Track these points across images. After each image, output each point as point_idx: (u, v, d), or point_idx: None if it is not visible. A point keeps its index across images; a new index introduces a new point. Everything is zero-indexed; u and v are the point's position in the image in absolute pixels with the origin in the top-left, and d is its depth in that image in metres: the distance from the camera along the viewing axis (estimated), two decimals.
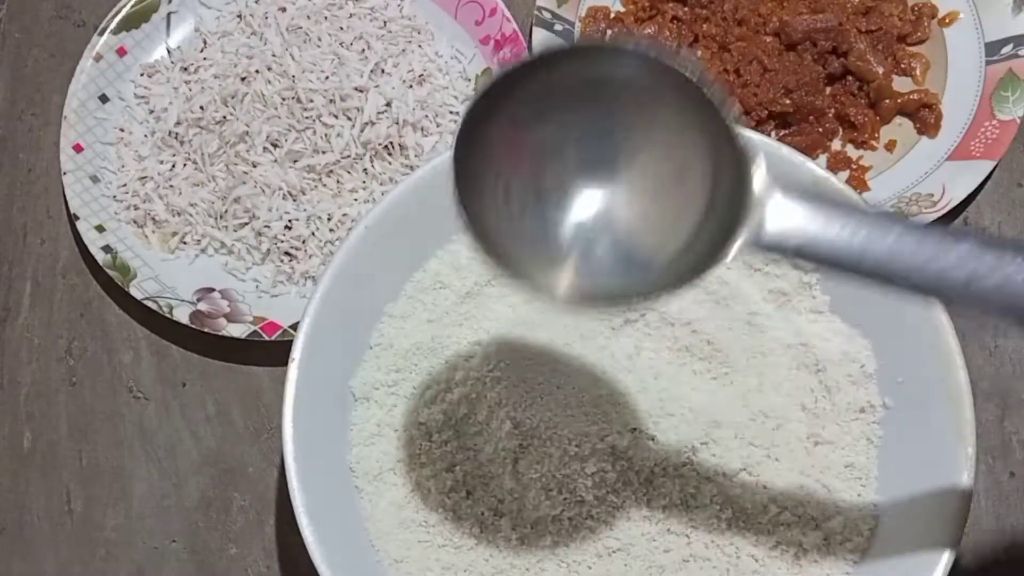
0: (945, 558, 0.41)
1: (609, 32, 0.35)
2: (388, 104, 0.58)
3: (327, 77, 0.58)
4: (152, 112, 0.61)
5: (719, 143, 0.34)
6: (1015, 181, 0.56)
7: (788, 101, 0.57)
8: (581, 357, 0.46)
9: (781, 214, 0.33)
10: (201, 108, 0.59)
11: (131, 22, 0.62)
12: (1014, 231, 0.56)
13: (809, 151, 0.58)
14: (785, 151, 0.47)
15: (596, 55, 0.34)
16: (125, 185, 0.60)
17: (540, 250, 0.36)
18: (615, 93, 0.35)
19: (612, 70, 0.34)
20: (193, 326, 0.55)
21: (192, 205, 0.58)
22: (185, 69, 0.62)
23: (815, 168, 0.47)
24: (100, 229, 0.58)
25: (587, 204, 0.36)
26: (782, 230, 0.33)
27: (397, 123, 0.58)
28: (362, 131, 0.57)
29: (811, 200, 0.34)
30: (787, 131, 0.58)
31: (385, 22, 0.62)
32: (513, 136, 0.35)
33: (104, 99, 0.61)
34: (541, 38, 0.60)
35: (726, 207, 0.34)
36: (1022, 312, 0.32)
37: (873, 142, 0.58)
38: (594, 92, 0.35)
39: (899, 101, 0.58)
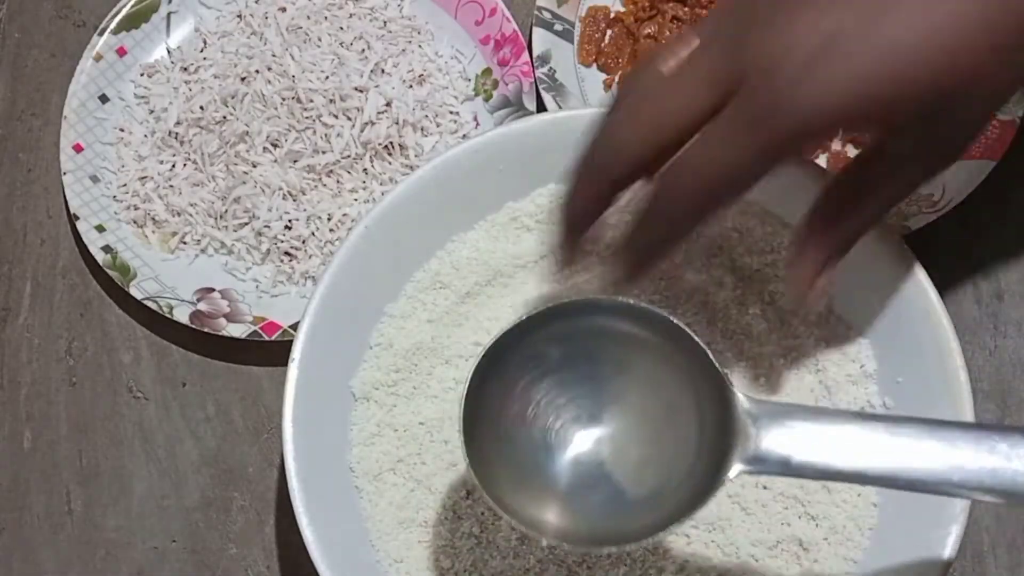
0: (945, 558, 0.41)
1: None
2: (388, 104, 0.58)
3: (327, 77, 0.58)
4: (152, 112, 0.61)
5: (700, 376, 0.36)
6: (1015, 181, 0.56)
7: None
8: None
9: (769, 438, 0.35)
10: (201, 108, 0.59)
11: (131, 22, 0.62)
12: (1014, 231, 0.56)
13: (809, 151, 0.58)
14: None
15: (576, 310, 0.37)
16: (125, 185, 0.60)
17: (538, 495, 0.38)
18: (600, 342, 0.38)
19: (594, 321, 0.37)
20: (193, 326, 0.55)
21: (192, 205, 0.58)
22: (185, 69, 0.62)
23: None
24: (100, 229, 0.58)
25: (582, 450, 0.39)
26: (772, 454, 0.35)
27: (397, 123, 0.58)
28: (362, 131, 0.58)
29: (797, 418, 0.35)
30: None
31: (385, 22, 0.62)
32: (512, 391, 0.38)
33: (104, 99, 0.61)
34: (541, 38, 0.60)
35: (715, 439, 0.36)
36: None
37: None
38: (579, 342, 0.38)
39: None
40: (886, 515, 0.44)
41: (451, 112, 0.60)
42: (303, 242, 0.57)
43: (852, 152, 0.58)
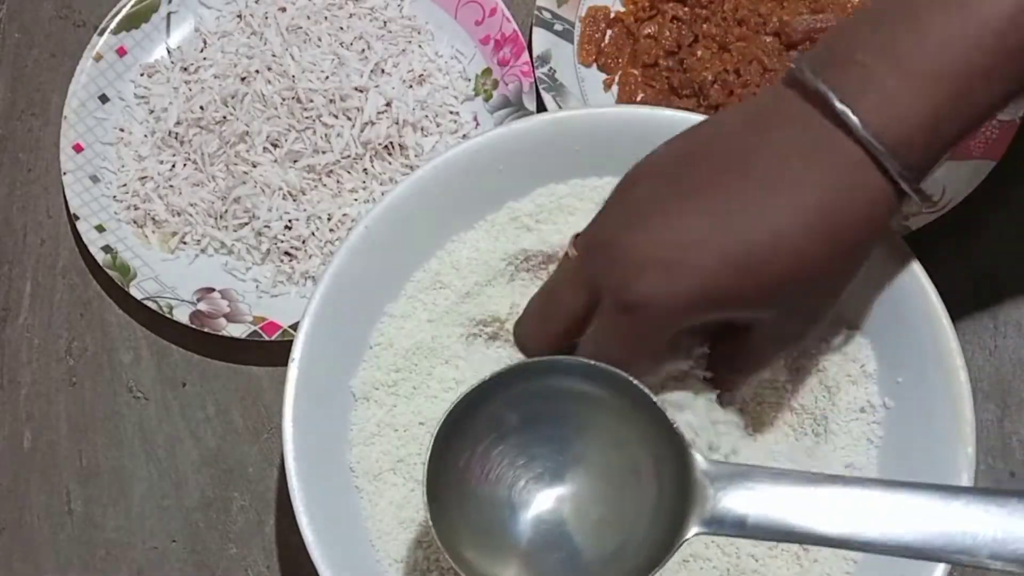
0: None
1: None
2: (388, 104, 0.58)
3: (327, 77, 0.58)
4: (152, 112, 0.61)
5: (660, 437, 0.37)
6: (1015, 181, 0.56)
7: None
8: None
9: (727, 499, 0.36)
10: (201, 108, 0.59)
11: (131, 22, 0.62)
12: (1014, 231, 0.56)
13: None
14: None
15: (538, 370, 0.39)
16: (125, 185, 0.60)
17: (499, 553, 0.39)
18: (562, 401, 0.39)
19: (556, 381, 0.39)
20: (193, 326, 0.55)
21: (192, 205, 0.58)
22: (185, 69, 0.62)
23: None
24: (100, 229, 0.58)
25: (543, 509, 0.40)
26: (729, 514, 0.35)
27: (397, 123, 0.58)
28: (362, 131, 0.58)
29: (755, 479, 0.36)
30: None
31: (385, 22, 0.62)
32: (475, 450, 0.39)
33: (104, 99, 0.61)
34: (541, 38, 0.60)
35: (674, 499, 0.37)
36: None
37: None
38: (541, 402, 0.39)
39: None
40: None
41: (451, 112, 0.60)
42: (303, 242, 0.57)
43: None
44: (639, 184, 0.39)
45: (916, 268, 0.44)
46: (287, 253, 0.57)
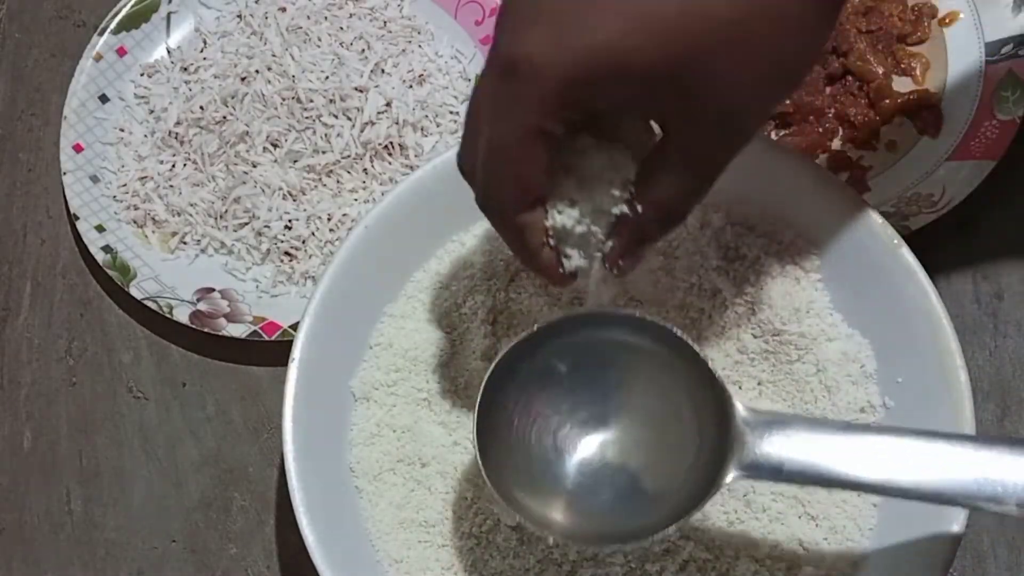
0: (945, 558, 0.41)
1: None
2: (388, 104, 0.58)
3: (327, 77, 0.58)
4: (152, 112, 0.61)
5: (701, 386, 0.38)
6: (1015, 181, 0.56)
7: (788, 101, 0.57)
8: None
9: (765, 445, 0.36)
10: (201, 108, 0.59)
11: (131, 22, 0.62)
12: (1014, 231, 0.56)
13: (809, 151, 0.58)
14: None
15: (584, 321, 0.39)
16: (125, 185, 0.60)
17: (545, 496, 0.39)
18: (607, 352, 0.39)
19: (601, 332, 0.39)
20: (193, 326, 0.55)
21: (192, 205, 0.58)
22: (185, 69, 0.62)
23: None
24: (100, 229, 0.58)
25: (588, 454, 0.40)
26: (767, 461, 0.36)
27: (397, 123, 0.58)
28: (362, 131, 0.57)
29: (793, 427, 0.37)
30: (787, 131, 0.58)
31: (385, 22, 0.62)
32: (522, 398, 0.40)
33: (104, 99, 0.61)
34: None
35: (714, 445, 0.37)
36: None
37: (873, 142, 0.58)
38: (587, 352, 0.39)
39: (899, 101, 0.58)
40: (886, 515, 0.44)
41: (451, 112, 0.60)
42: (303, 242, 0.57)
43: (852, 152, 0.58)
44: None
45: (916, 268, 0.44)
46: (287, 253, 0.57)
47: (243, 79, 0.59)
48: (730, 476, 0.36)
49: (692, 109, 0.33)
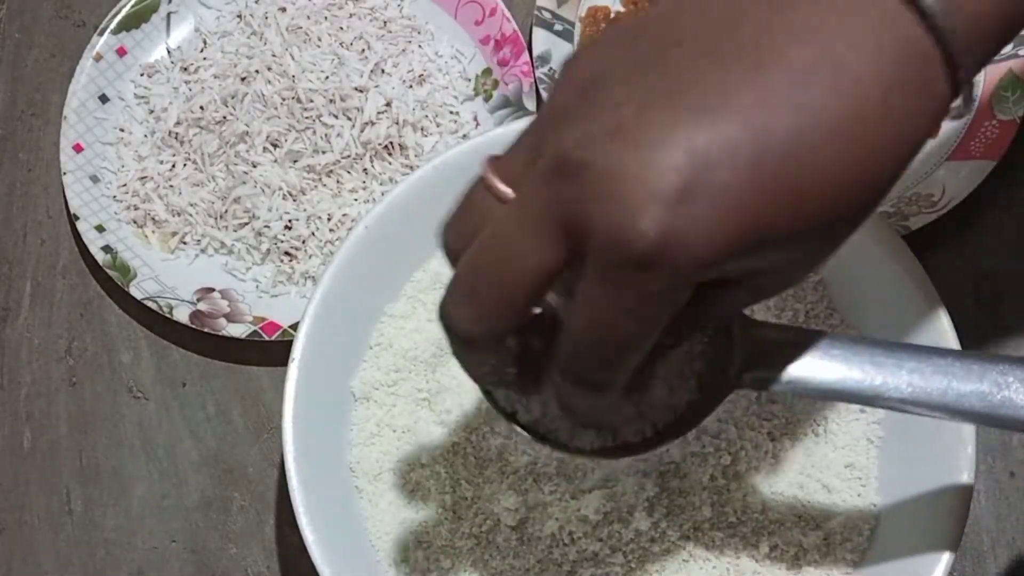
0: (945, 558, 0.41)
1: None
2: (388, 104, 0.58)
3: (327, 77, 0.58)
4: (152, 112, 0.61)
5: None
6: (1015, 181, 0.56)
7: None
8: None
9: (771, 354, 0.35)
10: (201, 108, 0.59)
11: (131, 22, 0.62)
12: (1014, 231, 0.56)
13: None
14: None
15: None
16: (125, 185, 0.60)
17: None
18: None
19: None
20: (193, 326, 0.55)
21: (192, 205, 0.58)
22: (185, 69, 0.62)
23: None
24: (100, 229, 0.58)
25: None
26: (774, 370, 0.35)
27: (397, 123, 0.58)
28: (362, 131, 0.57)
29: (794, 336, 0.35)
30: None
31: (385, 22, 0.62)
32: None
33: (104, 99, 0.61)
34: (541, 38, 0.60)
35: (720, 355, 0.36)
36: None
37: None
38: None
39: None
40: (886, 515, 0.44)
41: (451, 112, 0.60)
42: (303, 242, 0.57)
43: None
44: (607, 76, 0.27)
45: (916, 268, 0.44)
46: (287, 253, 0.57)
47: (243, 79, 0.59)
48: (736, 387, 0.35)
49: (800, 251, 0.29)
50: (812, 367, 0.35)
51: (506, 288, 0.28)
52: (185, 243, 0.59)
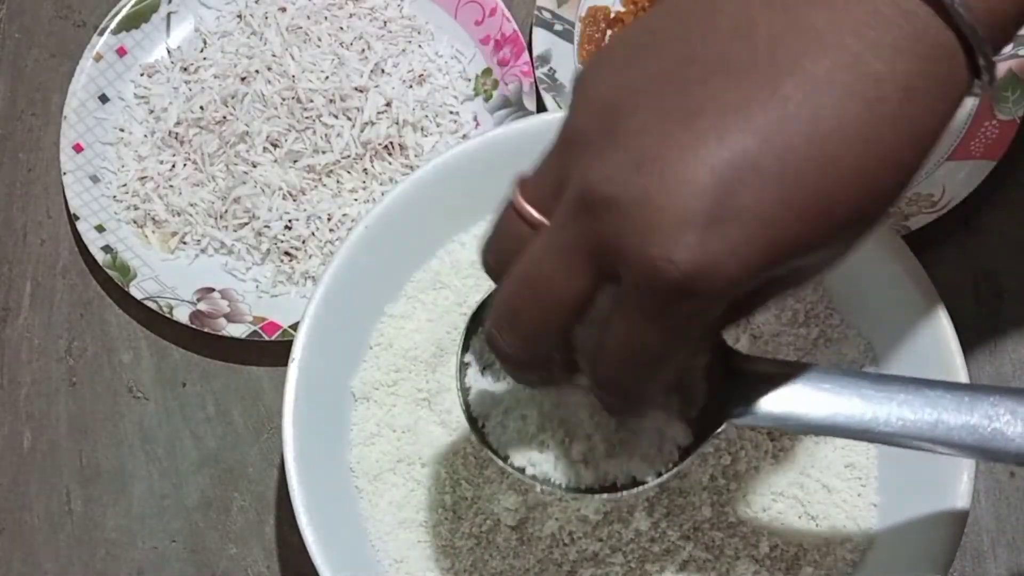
0: (946, 558, 0.41)
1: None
2: (388, 104, 0.58)
3: (327, 77, 0.58)
4: (152, 112, 0.61)
5: None
6: (1015, 181, 0.56)
7: None
8: None
9: (759, 390, 0.35)
10: (201, 108, 0.59)
11: (131, 22, 0.62)
12: (1014, 231, 0.56)
13: None
14: None
15: None
16: (125, 185, 0.60)
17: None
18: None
19: None
20: (193, 326, 0.55)
21: (192, 205, 0.58)
22: (185, 69, 0.62)
23: None
24: (100, 229, 0.58)
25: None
26: (759, 406, 0.35)
27: (397, 123, 0.58)
28: (362, 131, 0.57)
29: (783, 369, 0.35)
30: None
31: (385, 22, 0.62)
32: None
33: (104, 99, 0.61)
34: (541, 38, 0.60)
35: (708, 390, 0.35)
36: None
37: None
38: None
39: None
40: (886, 515, 0.44)
41: (451, 112, 0.60)
42: (303, 242, 0.57)
43: None
44: (625, 100, 0.28)
45: (916, 268, 0.44)
46: (287, 253, 0.57)
47: (243, 79, 0.59)
48: (723, 423, 0.35)
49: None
50: (801, 403, 0.35)
51: (544, 316, 0.29)
52: (185, 243, 0.59)
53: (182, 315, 0.55)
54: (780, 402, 0.35)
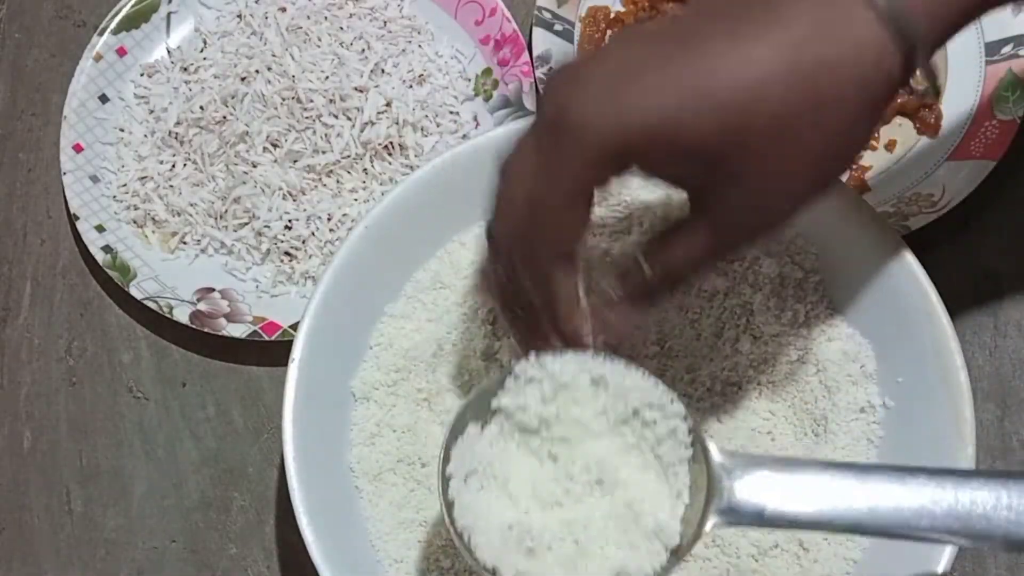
0: (946, 557, 0.41)
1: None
2: (388, 104, 0.58)
3: (327, 77, 0.58)
4: (152, 112, 0.61)
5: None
6: (1015, 181, 0.56)
7: None
8: None
9: (743, 489, 0.36)
10: (201, 108, 0.59)
11: (131, 22, 0.62)
12: (1014, 231, 0.56)
13: None
14: None
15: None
16: (125, 185, 0.60)
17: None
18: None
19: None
20: (193, 326, 0.55)
21: (192, 205, 0.58)
22: (185, 69, 0.62)
23: None
24: (100, 229, 0.58)
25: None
26: (746, 505, 0.36)
27: (397, 123, 0.58)
28: (362, 131, 0.58)
29: (768, 468, 0.36)
30: None
31: (385, 22, 0.62)
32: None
33: (104, 99, 0.61)
34: (541, 38, 0.60)
35: (694, 490, 0.36)
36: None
37: (873, 142, 0.58)
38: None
39: (899, 101, 0.58)
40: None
41: (451, 112, 0.60)
42: (303, 242, 0.57)
43: (866, 160, 0.58)
44: (610, 51, 0.34)
45: (916, 268, 0.44)
46: (287, 253, 0.57)
47: (243, 79, 0.59)
48: (709, 524, 0.36)
49: (730, 188, 0.34)
50: (788, 502, 0.36)
51: (526, 193, 0.35)
52: (185, 243, 0.59)
53: (182, 315, 0.55)
54: (764, 502, 0.36)
